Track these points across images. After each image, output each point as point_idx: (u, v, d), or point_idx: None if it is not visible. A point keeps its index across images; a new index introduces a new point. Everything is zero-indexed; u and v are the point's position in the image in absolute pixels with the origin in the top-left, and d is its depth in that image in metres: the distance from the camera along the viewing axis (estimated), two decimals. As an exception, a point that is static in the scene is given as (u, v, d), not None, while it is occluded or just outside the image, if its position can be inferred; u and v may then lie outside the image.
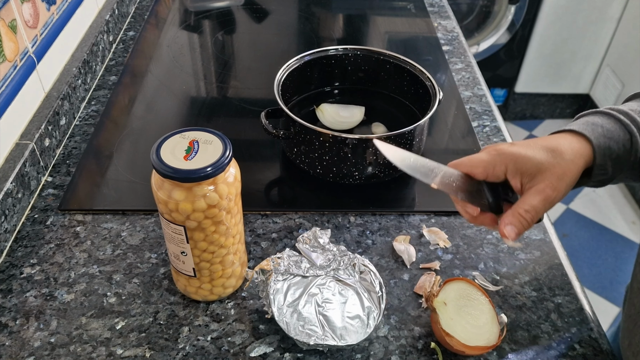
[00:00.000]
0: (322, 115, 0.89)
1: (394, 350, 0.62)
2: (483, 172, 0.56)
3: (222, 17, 1.27)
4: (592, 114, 0.60)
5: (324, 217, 0.78)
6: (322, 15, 1.30)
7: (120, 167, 0.84)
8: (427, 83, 0.86)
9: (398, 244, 0.73)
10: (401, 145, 0.79)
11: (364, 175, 0.80)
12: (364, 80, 0.96)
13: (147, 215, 0.77)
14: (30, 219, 0.76)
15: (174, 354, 0.61)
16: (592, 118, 0.59)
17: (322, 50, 0.92)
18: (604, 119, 0.58)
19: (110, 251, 0.72)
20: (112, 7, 1.14)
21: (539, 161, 0.54)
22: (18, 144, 0.78)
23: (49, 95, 0.88)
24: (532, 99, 2.50)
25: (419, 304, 0.67)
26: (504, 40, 2.32)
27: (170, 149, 0.55)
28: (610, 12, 2.22)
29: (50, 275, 0.69)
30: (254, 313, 0.65)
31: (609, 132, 0.57)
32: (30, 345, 0.61)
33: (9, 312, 0.65)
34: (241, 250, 0.65)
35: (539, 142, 0.56)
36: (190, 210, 0.55)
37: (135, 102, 0.99)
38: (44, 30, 0.88)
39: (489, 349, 0.59)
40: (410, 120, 0.86)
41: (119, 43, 1.16)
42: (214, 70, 1.09)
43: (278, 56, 1.11)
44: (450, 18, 1.29)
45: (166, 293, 0.67)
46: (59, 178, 0.83)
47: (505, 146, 0.56)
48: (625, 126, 0.57)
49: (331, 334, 0.60)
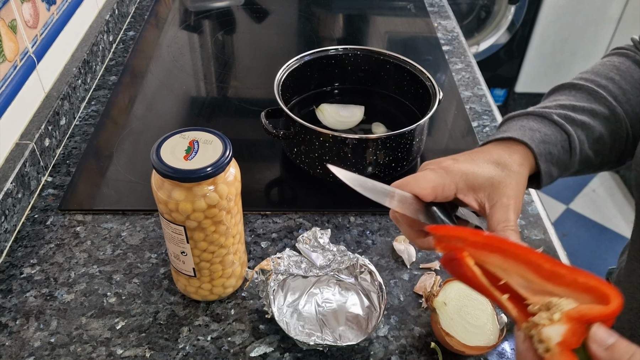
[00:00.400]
0: (322, 115, 0.89)
1: (394, 350, 0.62)
2: (432, 193, 0.51)
3: (222, 17, 1.27)
4: (524, 116, 0.59)
5: (324, 217, 0.78)
6: (322, 15, 1.30)
7: (120, 167, 0.84)
8: (427, 83, 0.86)
9: (398, 244, 0.73)
10: (401, 145, 0.79)
11: (364, 175, 0.80)
12: (364, 80, 0.96)
13: (147, 215, 0.77)
14: (30, 219, 0.76)
15: (174, 354, 0.61)
16: (527, 122, 0.58)
17: (322, 50, 0.92)
18: (538, 122, 0.57)
19: (110, 251, 0.72)
20: (112, 7, 1.14)
21: (490, 176, 0.52)
22: (18, 144, 0.78)
23: (49, 95, 0.88)
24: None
25: (419, 304, 0.67)
26: (504, 40, 2.32)
27: (170, 149, 0.55)
28: (610, 12, 2.22)
29: (50, 275, 0.69)
30: (254, 313, 0.65)
31: (547, 137, 0.56)
32: (30, 345, 0.61)
33: (9, 312, 0.65)
34: (241, 250, 0.65)
35: (480, 156, 0.54)
36: (190, 210, 0.55)
37: (135, 102, 0.99)
38: (44, 30, 0.88)
39: (489, 349, 0.59)
40: (410, 120, 0.86)
41: (119, 43, 1.16)
42: (214, 70, 1.09)
43: (278, 56, 1.11)
44: (450, 18, 1.29)
45: (166, 293, 0.67)
46: (59, 178, 0.83)
47: (449, 162, 0.53)
48: (561, 126, 0.57)
49: (331, 334, 0.60)
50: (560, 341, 0.38)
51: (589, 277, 0.40)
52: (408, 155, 0.81)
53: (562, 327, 0.38)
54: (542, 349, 0.38)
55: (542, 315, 0.39)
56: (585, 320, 0.38)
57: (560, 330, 0.38)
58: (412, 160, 0.84)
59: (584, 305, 0.39)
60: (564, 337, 0.38)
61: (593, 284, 0.39)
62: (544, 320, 0.39)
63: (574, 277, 0.40)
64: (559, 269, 0.40)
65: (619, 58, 0.68)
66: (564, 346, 0.38)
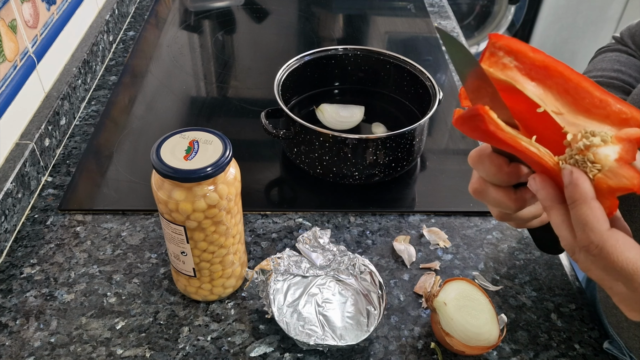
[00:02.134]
0: (322, 115, 0.89)
1: (394, 350, 0.62)
2: None
3: (222, 17, 1.27)
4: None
5: (324, 217, 0.78)
6: (322, 15, 1.30)
7: (120, 167, 0.84)
8: (427, 83, 0.86)
9: (398, 244, 0.73)
10: (401, 145, 0.79)
11: (364, 175, 0.80)
12: (364, 80, 0.96)
13: (147, 215, 0.77)
14: (30, 219, 0.76)
15: (174, 354, 0.61)
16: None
17: (322, 50, 0.92)
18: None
19: (110, 251, 0.72)
20: (112, 7, 1.14)
21: None
22: (18, 144, 0.78)
23: (49, 95, 0.88)
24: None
25: (419, 304, 0.67)
26: (504, 40, 2.31)
27: (170, 149, 0.55)
28: (610, 12, 2.22)
29: (50, 275, 0.69)
30: (254, 313, 0.65)
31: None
32: (30, 345, 0.61)
33: (9, 312, 0.65)
34: (241, 250, 0.65)
35: None
36: (190, 210, 0.55)
37: (135, 102, 0.99)
38: (44, 30, 0.88)
39: (489, 349, 0.59)
40: (410, 120, 0.86)
41: (119, 43, 1.16)
42: (214, 70, 1.09)
43: (278, 56, 1.11)
44: (450, 18, 1.29)
45: (166, 293, 0.67)
46: (59, 178, 0.83)
47: None
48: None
49: (331, 334, 0.60)
50: (617, 158, 0.38)
51: (629, 108, 0.40)
52: (408, 155, 0.81)
53: (617, 147, 0.39)
54: (594, 170, 0.38)
55: (587, 140, 0.39)
56: (635, 140, 0.39)
57: (615, 149, 0.38)
58: (412, 161, 0.84)
59: (629, 129, 0.39)
60: (620, 154, 0.38)
61: (632, 115, 0.40)
62: (597, 141, 0.38)
63: (618, 108, 0.40)
64: (607, 97, 0.40)
65: (612, 53, 0.70)
66: (622, 162, 0.38)
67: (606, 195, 0.39)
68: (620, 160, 0.38)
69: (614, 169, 0.38)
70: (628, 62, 0.67)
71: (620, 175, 0.38)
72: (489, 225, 0.77)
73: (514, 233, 0.76)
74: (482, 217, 0.78)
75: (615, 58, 0.68)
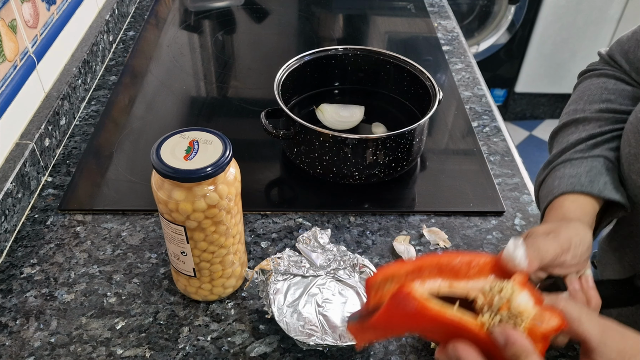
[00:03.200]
0: (322, 115, 0.89)
1: (394, 350, 0.62)
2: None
3: (222, 17, 1.27)
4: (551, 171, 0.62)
5: (324, 217, 0.78)
6: (322, 15, 1.30)
7: (120, 167, 0.84)
8: (427, 83, 0.86)
9: (398, 244, 0.73)
10: (401, 145, 0.79)
11: (364, 175, 0.80)
12: (364, 80, 0.96)
13: (147, 215, 0.77)
14: (30, 219, 0.76)
15: (174, 354, 0.61)
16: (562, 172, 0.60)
17: (322, 50, 0.92)
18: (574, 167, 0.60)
19: (110, 251, 0.72)
20: (112, 7, 1.14)
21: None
22: (18, 144, 0.78)
23: (49, 95, 0.88)
24: (532, 99, 2.50)
25: (419, 304, 0.66)
26: (504, 40, 2.32)
27: (170, 149, 0.55)
28: (610, 12, 2.22)
29: (50, 275, 0.69)
30: (254, 313, 0.65)
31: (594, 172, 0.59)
32: (30, 345, 0.61)
33: (9, 312, 0.65)
34: (241, 250, 0.65)
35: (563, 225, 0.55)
36: (190, 210, 0.55)
37: (135, 102, 0.99)
38: (44, 30, 0.88)
39: (489, 349, 0.59)
40: (410, 120, 0.86)
41: (119, 43, 1.16)
42: (214, 70, 1.09)
43: (278, 56, 1.11)
44: (450, 18, 1.29)
45: (166, 293, 0.67)
46: (59, 178, 0.83)
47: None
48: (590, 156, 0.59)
49: (331, 334, 0.60)
50: (534, 302, 0.41)
51: (482, 257, 0.44)
52: (408, 155, 0.81)
53: (525, 291, 0.41)
54: (524, 322, 0.40)
55: (501, 295, 0.41)
56: (527, 282, 0.42)
57: (526, 294, 0.41)
58: (412, 161, 0.84)
59: (516, 275, 0.43)
60: (532, 298, 0.41)
61: (492, 264, 0.44)
62: (508, 293, 0.41)
63: (482, 261, 0.44)
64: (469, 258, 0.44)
65: (599, 79, 0.67)
66: (538, 304, 0.41)
67: (539, 340, 0.40)
68: (536, 303, 0.41)
69: (539, 315, 0.40)
70: (616, 89, 0.65)
71: (547, 319, 0.40)
72: (489, 225, 0.77)
73: (514, 233, 0.76)
74: (482, 217, 0.78)
75: (602, 85, 0.66)
